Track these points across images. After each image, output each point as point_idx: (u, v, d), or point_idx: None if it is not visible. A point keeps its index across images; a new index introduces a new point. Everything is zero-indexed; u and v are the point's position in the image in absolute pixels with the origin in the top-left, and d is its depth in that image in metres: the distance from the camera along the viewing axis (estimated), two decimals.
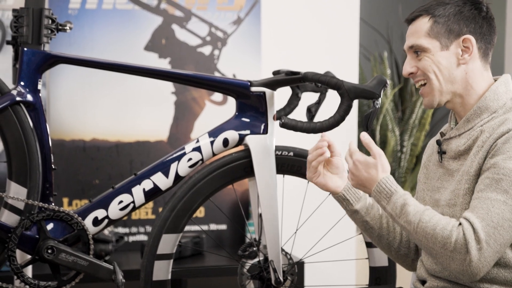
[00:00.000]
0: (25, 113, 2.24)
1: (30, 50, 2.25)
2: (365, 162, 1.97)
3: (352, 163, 1.99)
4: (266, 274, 2.38)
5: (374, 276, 2.47)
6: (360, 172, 1.97)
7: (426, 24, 1.98)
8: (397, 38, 4.65)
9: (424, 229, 1.85)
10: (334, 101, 2.31)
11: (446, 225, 1.84)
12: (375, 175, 1.95)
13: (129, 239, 3.39)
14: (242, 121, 2.36)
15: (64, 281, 2.28)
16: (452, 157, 2.00)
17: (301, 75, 2.26)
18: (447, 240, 1.82)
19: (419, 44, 1.98)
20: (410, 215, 1.88)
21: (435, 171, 2.06)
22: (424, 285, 2.08)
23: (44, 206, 2.25)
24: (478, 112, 1.97)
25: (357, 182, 1.99)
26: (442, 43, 1.97)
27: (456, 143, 2.00)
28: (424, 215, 1.87)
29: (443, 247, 1.83)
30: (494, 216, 1.81)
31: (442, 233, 1.83)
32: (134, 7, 3.36)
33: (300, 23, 3.59)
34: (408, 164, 4.29)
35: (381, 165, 1.96)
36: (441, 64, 1.97)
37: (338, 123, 2.20)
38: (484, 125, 1.95)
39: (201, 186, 2.33)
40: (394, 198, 1.92)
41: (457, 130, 2.00)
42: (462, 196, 1.93)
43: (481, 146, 1.91)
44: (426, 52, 1.97)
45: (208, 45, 3.45)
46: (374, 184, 1.95)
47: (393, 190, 1.93)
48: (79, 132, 3.32)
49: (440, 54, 1.97)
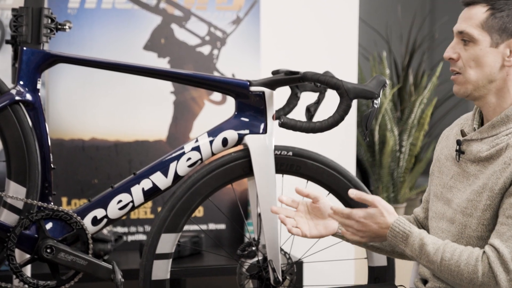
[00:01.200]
0: (24, 112, 2.24)
1: (29, 49, 2.25)
2: (369, 215, 1.92)
3: (356, 222, 1.93)
4: (265, 273, 2.38)
5: (373, 276, 2.47)
6: (370, 227, 1.92)
7: (482, 15, 1.89)
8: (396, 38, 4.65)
9: (448, 267, 1.83)
10: (333, 101, 2.31)
11: (469, 260, 1.81)
12: (385, 221, 1.91)
13: (128, 239, 3.39)
14: (241, 120, 2.36)
15: (63, 281, 2.28)
16: (471, 160, 1.95)
17: (300, 74, 2.26)
18: (474, 275, 1.80)
19: (470, 32, 1.90)
20: (431, 255, 1.85)
21: (449, 168, 2.02)
22: (426, 285, 2.07)
23: (43, 205, 2.25)
24: (505, 120, 1.91)
25: (369, 236, 1.94)
26: (493, 39, 1.89)
27: (477, 147, 1.94)
28: (445, 252, 1.84)
29: (470, 283, 1.81)
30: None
31: (467, 269, 1.80)
32: (133, 6, 3.35)
33: (299, 23, 3.59)
34: (407, 164, 4.29)
35: (385, 209, 1.92)
36: (486, 61, 1.90)
37: (337, 123, 2.19)
38: (510, 135, 1.89)
39: (200, 186, 2.33)
40: (411, 240, 1.88)
41: (480, 133, 1.94)
42: (481, 210, 1.88)
43: (508, 164, 1.85)
44: (474, 44, 1.90)
45: (207, 45, 3.45)
46: (387, 231, 1.91)
47: (407, 231, 1.89)
48: (78, 131, 3.31)
49: (488, 50, 1.89)
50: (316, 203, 2.10)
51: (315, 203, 2.10)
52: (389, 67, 4.48)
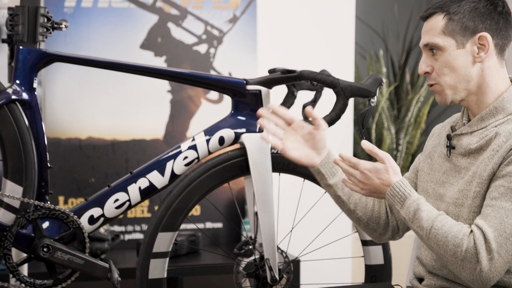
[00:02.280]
0: (20, 111, 2.24)
1: (26, 48, 2.25)
2: (375, 169, 1.93)
3: (360, 173, 1.95)
4: (262, 272, 2.38)
5: (369, 274, 2.47)
6: (372, 180, 1.93)
7: (440, 22, 1.93)
8: (393, 37, 4.65)
9: (436, 236, 1.84)
10: (330, 99, 2.31)
11: (457, 233, 1.82)
12: (388, 179, 1.92)
13: (125, 238, 3.39)
14: (238, 119, 2.36)
15: (60, 280, 2.28)
16: (462, 154, 1.97)
17: (296, 73, 2.26)
18: (458, 248, 1.81)
19: (434, 42, 1.93)
20: (423, 221, 1.86)
21: (441, 164, 2.04)
22: (422, 283, 2.08)
23: (40, 204, 2.25)
24: (494, 112, 1.93)
25: (369, 190, 1.96)
26: (458, 41, 1.92)
27: (467, 140, 1.96)
28: (436, 221, 1.85)
29: (453, 255, 1.82)
30: (507, 226, 1.80)
31: (453, 241, 1.82)
32: (129, 5, 3.35)
33: (296, 21, 3.59)
34: (404, 162, 4.29)
35: (392, 168, 1.93)
36: (457, 63, 1.92)
37: (334, 121, 2.20)
38: (499, 126, 1.91)
39: (197, 185, 2.33)
40: (408, 203, 1.89)
41: (470, 127, 1.97)
42: (471, 198, 1.90)
43: (496, 150, 1.87)
44: (442, 51, 1.93)
45: (204, 44, 3.45)
46: (387, 188, 1.92)
47: (407, 194, 1.90)
48: (75, 130, 3.31)
49: (457, 52, 1.92)
50: (316, 130, 2.08)
51: (316, 129, 2.08)
52: (386, 65, 4.48)
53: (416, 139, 4.31)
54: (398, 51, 4.60)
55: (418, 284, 2.08)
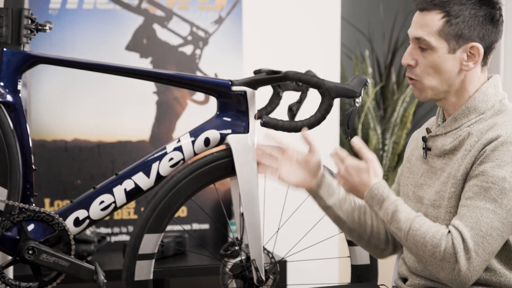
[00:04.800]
0: (5, 113, 2.23)
1: (10, 50, 2.24)
2: (357, 168, 1.95)
3: (344, 168, 1.97)
4: (248, 273, 2.38)
5: (356, 274, 2.47)
6: (352, 178, 1.96)
7: (438, 22, 1.90)
8: (379, 37, 4.66)
9: (414, 237, 1.85)
10: (315, 100, 2.31)
11: (435, 234, 1.83)
12: (367, 180, 1.94)
13: (111, 239, 3.39)
14: (223, 120, 2.36)
15: (46, 282, 2.27)
16: (437, 155, 1.99)
17: (282, 74, 2.26)
18: (436, 249, 1.82)
19: (427, 40, 1.91)
20: (401, 222, 1.87)
21: (419, 167, 2.05)
22: (406, 283, 2.08)
23: (25, 207, 2.24)
24: (466, 112, 1.95)
25: (349, 187, 1.98)
26: (450, 46, 1.90)
27: (441, 141, 1.98)
28: (414, 222, 1.86)
29: (432, 256, 1.83)
30: (483, 225, 1.80)
31: (432, 241, 1.82)
32: (115, 7, 3.35)
33: (282, 22, 3.59)
34: (390, 163, 4.30)
35: (373, 169, 1.94)
36: (444, 67, 1.92)
37: (319, 121, 2.20)
38: (471, 126, 1.93)
39: (183, 186, 2.32)
40: (386, 204, 1.91)
41: (444, 128, 1.98)
42: (447, 199, 1.92)
43: (468, 150, 1.89)
44: (432, 51, 1.91)
45: (190, 45, 3.44)
46: (366, 189, 1.94)
47: (385, 196, 1.91)
48: (60, 132, 3.30)
49: (447, 56, 1.91)
50: (311, 154, 2.10)
51: (311, 153, 2.10)
52: (371, 65, 4.49)
53: (402, 139, 4.32)
54: (383, 51, 4.61)
55: (402, 284, 2.09)
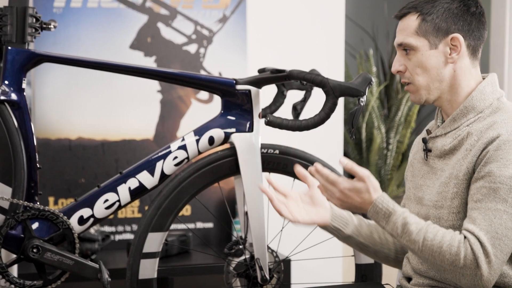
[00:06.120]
0: (9, 112, 2.23)
1: (14, 49, 2.25)
2: (355, 189, 1.90)
3: (339, 191, 1.92)
4: (252, 272, 2.38)
5: (360, 273, 2.47)
6: (352, 199, 1.91)
7: (414, 22, 1.95)
8: (383, 36, 4.66)
9: (430, 247, 1.83)
10: (320, 99, 2.31)
11: (452, 241, 1.82)
12: (369, 197, 1.90)
13: (115, 238, 3.39)
14: (227, 119, 2.36)
15: (50, 280, 2.28)
16: (437, 156, 1.99)
17: (286, 73, 2.26)
18: (456, 257, 1.80)
19: (407, 42, 1.96)
20: (413, 235, 1.85)
21: (420, 169, 2.06)
22: (410, 282, 2.08)
23: (29, 205, 2.24)
24: (465, 112, 1.95)
25: (348, 207, 1.94)
26: (431, 42, 1.95)
27: (441, 142, 1.98)
28: (427, 233, 1.84)
29: (451, 264, 1.81)
30: (498, 227, 1.80)
31: (450, 250, 1.81)
32: (119, 5, 3.35)
33: (286, 21, 3.59)
34: (394, 162, 4.30)
35: (372, 186, 1.90)
36: (430, 63, 1.95)
37: (323, 120, 2.20)
38: (470, 125, 1.94)
39: (187, 185, 2.33)
40: (394, 218, 1.88)
41: (443, 129, 1.99)
42: (450, 199, 1.91)
43: (469, 150, 1.89)
44: (415, 51, 1.96)
45: (194, 43, 3.44)
46: (369, 206, 1.91)
47: (391, 209, 1.89)
48: (65, 131, 3.31)
49: (429, 52, 1.95)
50: (310, 188, 2.08)
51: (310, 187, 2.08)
52: (375, 64, 4.49)
53: (406, 138, 4.32)
54: (388, 50, 4.61)
55: (406, 284, 2.08)
